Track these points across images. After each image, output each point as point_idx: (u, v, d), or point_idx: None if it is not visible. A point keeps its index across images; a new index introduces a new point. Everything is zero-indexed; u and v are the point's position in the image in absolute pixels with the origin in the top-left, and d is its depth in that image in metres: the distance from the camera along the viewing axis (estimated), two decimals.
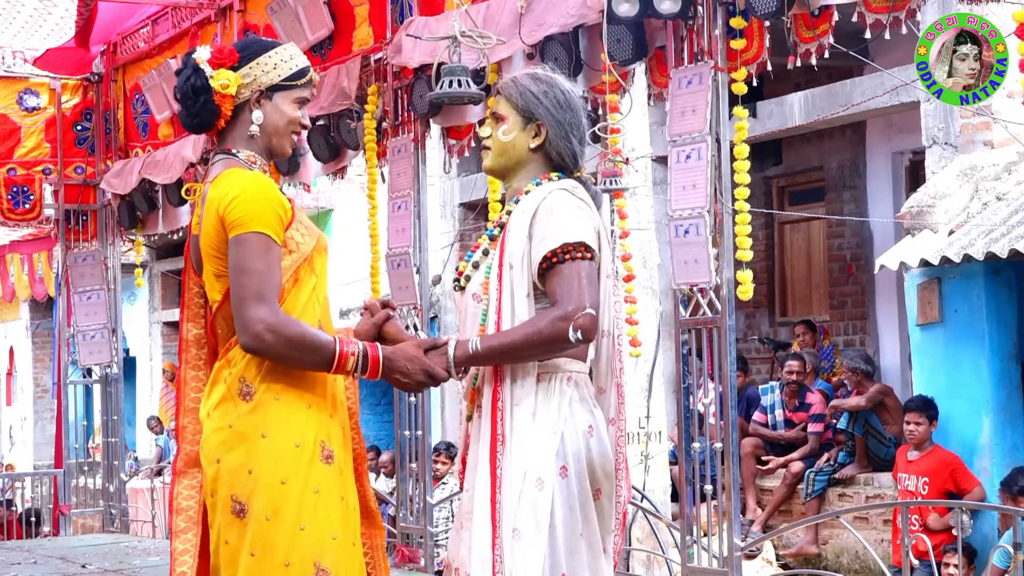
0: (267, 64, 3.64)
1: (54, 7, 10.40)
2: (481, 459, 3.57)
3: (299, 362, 3.45)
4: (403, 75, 7.96)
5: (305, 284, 3.56)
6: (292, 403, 3.49)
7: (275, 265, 3.47)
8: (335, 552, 3.46)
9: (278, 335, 3.40)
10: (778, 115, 11.69)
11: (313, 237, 3.60)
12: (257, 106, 3.64)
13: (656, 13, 6.10)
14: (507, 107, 3.69)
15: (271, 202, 3.49)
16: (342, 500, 3.52)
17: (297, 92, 3.68)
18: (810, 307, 13.82)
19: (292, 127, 3.69)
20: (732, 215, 6.09)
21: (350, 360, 3.46)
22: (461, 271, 3.72)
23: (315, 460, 3.47)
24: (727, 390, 6.13)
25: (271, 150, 3.70)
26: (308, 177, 9.42)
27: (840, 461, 10.73)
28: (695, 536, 6.35)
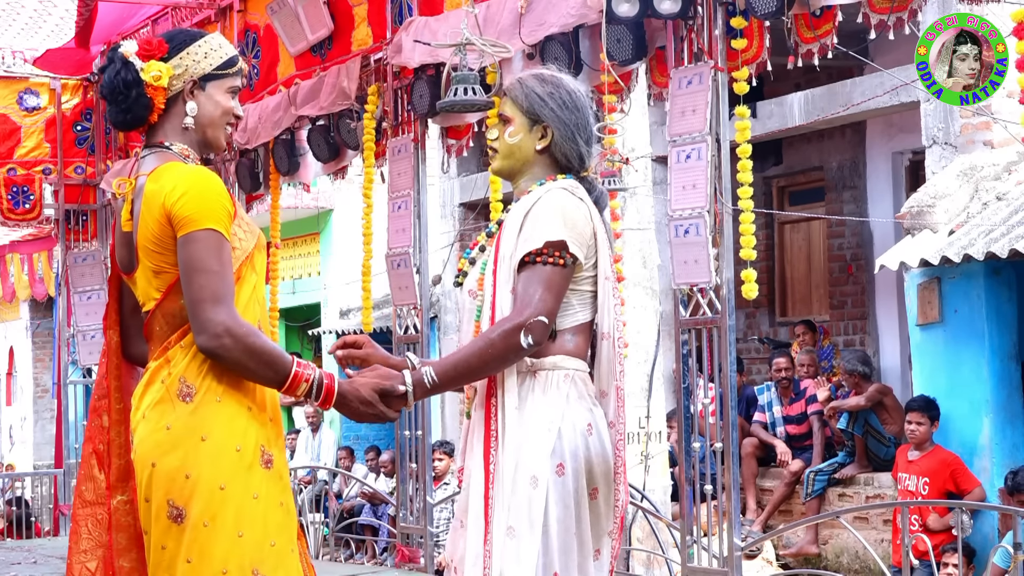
0: (197, 54, 3.53)
1: (54, 7, 10.40)
2: (475, 456, 3.57)
3: (252, 373, 3.35)
4: (403, 75, 7.97)
5: (246, 283, 3.47)
6: (233, 406, 3.39)
7: (228, 264, 3.37)
8: (274, 559, 3.37)
9: (238, 341, 3.30)
10: (778, 115, 11.69)
11: (254, 235, 3.52)
12: (191, 97, 3.53)
13: (656, 13, 6.10)
14: (513, 109, 3.68)
15: (220, 197, 3.39)
16: (281, 506, 3.44)
17: (229, 81, 3.57)
18: (810, 307, 13.81)
19: (227, 117, 3.58)
20: (734, 215, 6.09)
21: (302, 386, 3.37)
22: (462, 268, 3.73)
23: (255, 465, 3.38)
24: (727, 390, 6.13)
25: (206, 142, 3.59)
26: (308, 177, 9.43)
27: (840, 461, 10.73)
28: (695, 536, 6.35)
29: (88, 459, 3.59)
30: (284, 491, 3.47)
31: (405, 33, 7.60)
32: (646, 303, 10.73)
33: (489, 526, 3.48)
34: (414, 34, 7.45)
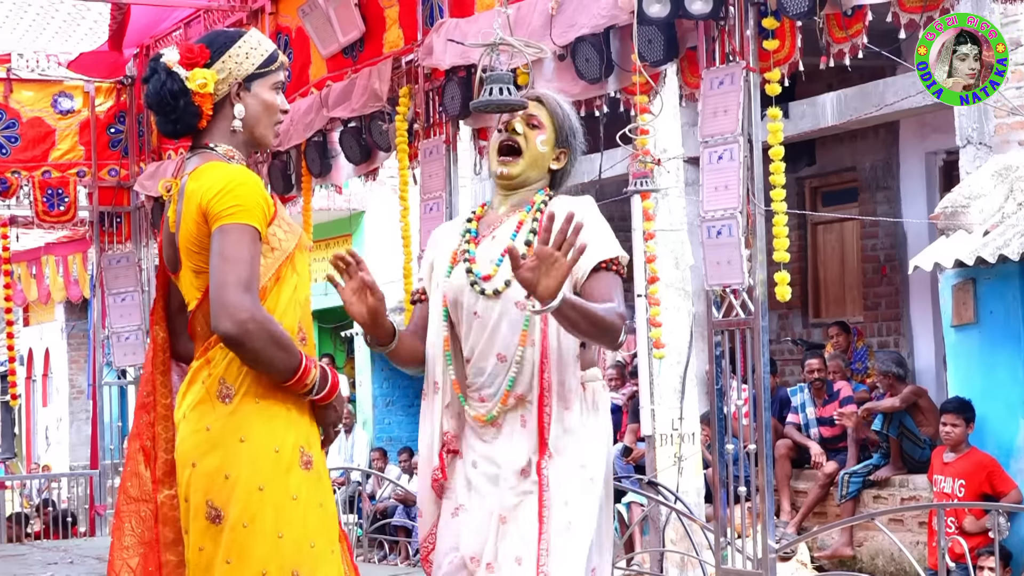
0: (239, 55, 3.53)
1: (88, 11, 10.47)
2: (513, 461, 3.63)
3: (271, 361, 3.33)
4: (434, 77, 7.97)
5: (287, 283, 3.48)
6: (272, 407, 3.39)
7: (258, 259, 3.38)
8: (313, 560, 3.38)
9: (260, 327, 3.29)
10: (811, 115, 11.65)
11: (295, 235, 3.52)
12: (237, 99, 3.54)
13: (687, 14, 6.08)
14: (548, 120, 3.74)
15: (256, 196, 3.41)
16: (321, 507, 3.44)
17: (273, 77, 3.58)
18: (843, 308, 13.75)
19: (274, 114, 3.60)
20: (767, 216, 6.06)
21: (312, 373, 3.39)
22: (490, 275, 3.68)
23: (294, 466, 3.39)
24: (760, 391, 6.10)
25: (253, 141, 3.62)
26: (340, 179, 9.44)
27: (875, 463, 10.68)
28: (729, 538, 6.33)
29: (134, 455, 3.61)
30: (324, 492, 3.48)
31: (436, 35, 7.61)
32: (679, 304, 10.71)
33: (544, 526, 3.55)
34: (445, 36, 7.45)
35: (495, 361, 3.65)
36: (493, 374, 3.66)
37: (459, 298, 3.69)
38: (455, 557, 3.67)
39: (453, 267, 3.75)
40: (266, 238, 3.44)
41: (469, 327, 3.68)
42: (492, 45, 3.86)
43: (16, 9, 10.47)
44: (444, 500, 3.73)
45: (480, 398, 3.68)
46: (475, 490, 3.67)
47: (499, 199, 3.80)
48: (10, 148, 11.26)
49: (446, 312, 3.71)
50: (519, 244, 3.67)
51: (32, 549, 10.51)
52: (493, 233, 3.76)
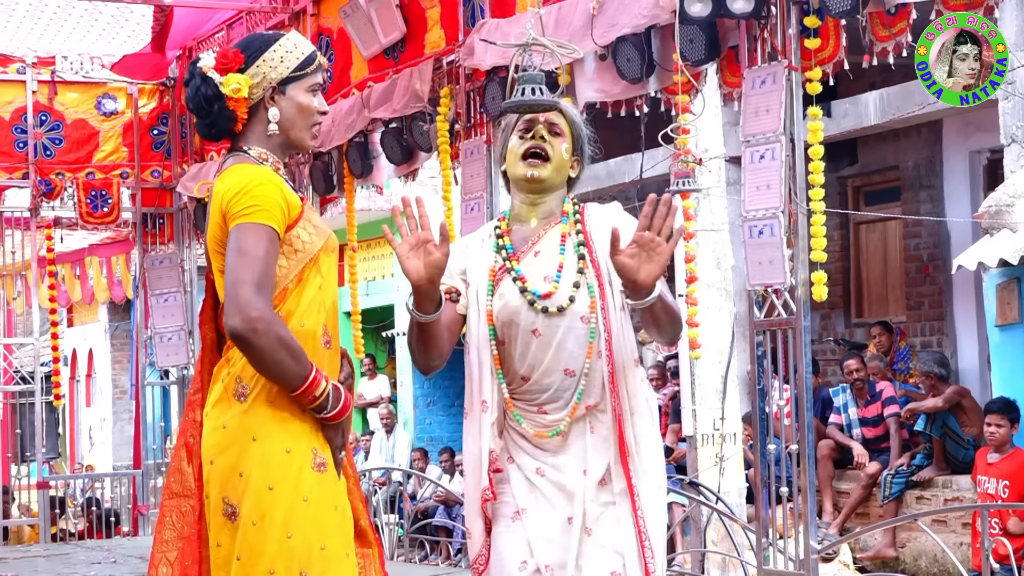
0: (273, 59, 3.53)
1: (131, 13, 10.52)
2: (591, 471, 3.65)
3: (278, 364, 3.32)
4: (475, 77, 7.98)
5: (310, 285, 3.48)
6: (286, 408, 3.40)
7: (273, 259, 3.38)
8: (323, 562, 3.38)
9: (269, 328, 3.29)
10: (853, 114, 11.59)
11: (322, 237, 3.52)
12: (272, 103, 3.55)
13: (729, 13, 6.07)
14: (567, 128, 3.74)
15: (275, 196, 3.42)
16: (335, 509, 3.44)
17: (309, 80, 3.57)
18: (886, 308, 13.68)
19: (310, 117, 3.59)
20: (808, 215, 6.04)
21: (320, 389, 3.36)
22: (550, 293, 3.64)
23: (305, 467, 3.39)
24: (802, 392, 6.08)
25: (290, 144, 3.62)
26: (381, 179, 9.46)
27: (917, 463, 10.62)
28: (771, 539, 6.31)
29: (179, 451, 3.64)
30: (340, 496, 3.47)
31: (477, 35, 7.62)
32: (720, 304, 10.68)
33: (643, 533, 3.60)
34: (485, 36, 7.46)
35: (561, 376, 3.64)
36: (560, 389, 3.65)
37: (514, 319, 3.64)
38: (526, 564, 3.63)
39: (495, 285, 3.69)
40: (288, 240, 3.45)
41: (526, 346, 3.64)
42: (524, 46, 3.85)
43: (60, 12, 10.53)
44: (498, 507, 3.67)
45: (541, 411, 3.67)
46: (543, 497, 3.64)
47: (525, 209, 3.74)
48: (55, 150, 11.35)
49: (492, 331, 3.67)
50: (569, 258, 3.67)
51: (76, 548, 10.58)
52: (535, 249, 3.71)
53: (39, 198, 11.30)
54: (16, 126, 11.30)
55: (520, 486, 3.66)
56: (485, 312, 3.67)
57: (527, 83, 3.69)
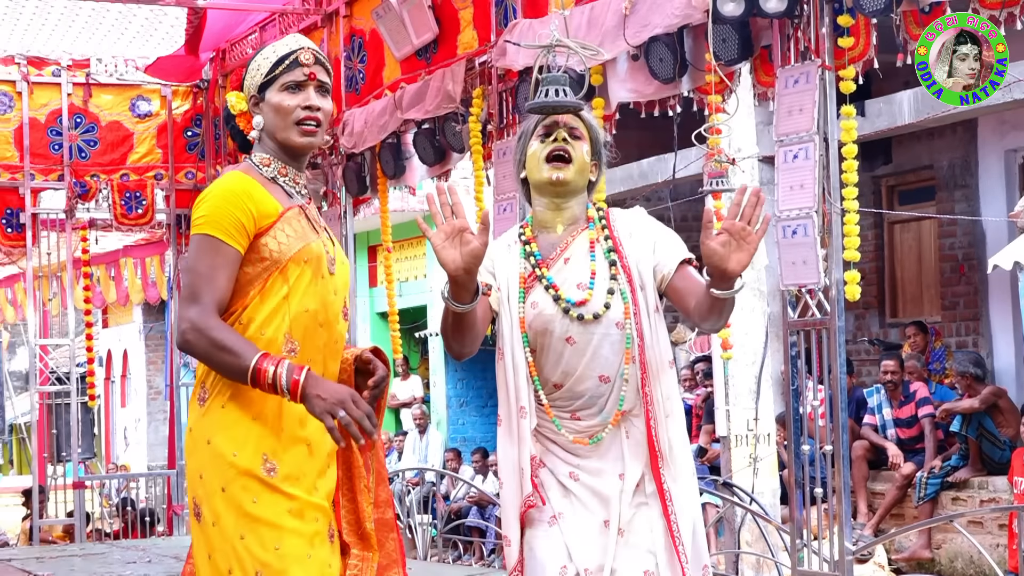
0: (254, 69, 3.60)
1: (164, 16, 10.57)
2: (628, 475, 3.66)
3: (218, 365, 3.40)
4: (508, 78, 7.98)
5: (273, 294, 3.49)
6: (237, 412, 3.44)
7: (222, 268, 3.42)
8: (279, 563, 3.40)
9: (201, 336, 3.37)
10: (887, 113, 11.54)
11: (297, 245, 3.52)
12: (257, 111, 3.60)
13: (762, 12, 6.05)
14: (585, 132, 3.74)
15: (230, 205, 3.45)
16: (288, 513, 3.44)
17: (282, 79, 3.57)
18: (921, 308, 13.62)
19: (288, 116, 3.57)
20: (841, 215, 6.02)
21: (268, 372, 3.34)
22: (585, 300, 3.64)
23: (254, 471, 3.42)
24: (836, 392, 6.06)
25: (282, 147, 3.61)
26: (414, 180, 9.48)
27: (953, 464, 10.57)
28: (805, 540, 6.29)
29: None
30: (292, 500, 3.46)
31: (509, 36, 7.62)
32: (754, 304, 10.66)
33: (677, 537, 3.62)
34: (518, 37, 7.46)
35: (596, 383, 3.63)
36: (594, 396, 3.64)
37: (548, 327, 3.63)
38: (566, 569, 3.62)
39: (526, 292, 3.69)
40: (256, 247, 3.47)
41: (559, 354, 3.64)
42: (548, 47, 3.84)
43: (95, 15, 10.59)
44: (534, 513, 3.66)
45: (575, 417, 3.67)
46: (578, 501, 3.64)
47: (550, 215, 3.74)
48: (89, 152, 11.42)
49: (526, 337, 3.67)
50: (600, 264, 3.68)
51: (111, 548, 10.63)
52: (565, 256, 3.71)
53: (74, 200, 11.37)
54: (51, 128, 11.38)
55: (554, 490, 3.66)
56: (518, 319, 3.66)
57: (551, 84, 3.69)
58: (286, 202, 3.56)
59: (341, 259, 3.68)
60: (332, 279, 3.59)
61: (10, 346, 25.67)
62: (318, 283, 3.54)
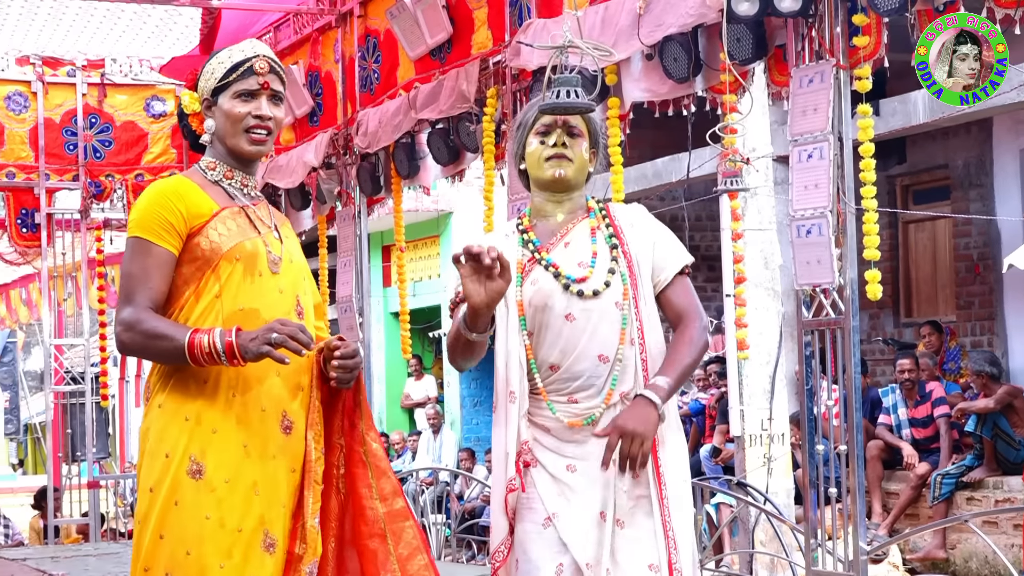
0: (208, 72, 3.63)
1: (179, 16, 10.59)
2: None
3: (158, 354, 3.48)
4: (522, 78, 7.98)
5: (206, 293, 3.53)
6: (171, 413, 3.48)
7: (154, 268, 3.49)
8: (187, 568, 3.42)
9: (134, 332, 3.45)
10: (902, 113, 11.52)
11: (230, 243, 3.54)
12: (209, 114, 3.64)
13: (776, 11, 6.04)
14: (583, 128, 3.78)
15: (159, 207, 3.51)
16: (207, 519, 3.44)
17: (236, 86, 3.60)
18: (936, 307, 13.59)
19: (238, 123, 3.61)
20: (857, 215, 6.01)
21: (200, 341, 3.39)
22: (585, 277, 3.69)
23: (180, 473, 3.44)
24: (851, 392, 6.05)
25: (231, 153, 3.65)
26: (428, 180, 9.48)
27: (968, 464, 10.55)
28: (820, 539, 6.28)
29: None
30: (215, 505, 3.46)
31: (524, 35, 7.62)
32: (768, 304, 10.65)
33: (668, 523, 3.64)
34: (532, 37, 7.46)
35: (595, 363, 3.65)
36: (592, 376, 3.66)
37: (548, 302, 3.66)
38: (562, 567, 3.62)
39: (523, 277, 3.73)
40: (190, 247, 3.53)
41: (558, 333, 3.66)
42: (560, 48, 3.86)
43: (110, 16, 10.61)
44: (524, 512, 3.68)
45: (571, 400, 3.67)
46: (574, 494, 3.65)
47: (550, 207, 3.80)
48: (104, 152, 11.45)
49: (523, 321, 3.70)
50: (601, 247, 3.72)
51: (126, 548, 10.65)
52: (565, 240, 3.77)
53: (89, 200, 11.39)
54: (66, 128, 11.41)
55: (548, 489, 3.66)
56: (515, 303, 3.70)
57: (562, 85, 3.71)
58: (225, 203, 3.59)
59: (290, 258, 3.67)
60: (276, 278, 3.60)
61: (25, 346, 25.75)
62: (254, 281, 3.55)
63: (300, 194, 10.48)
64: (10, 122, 11.33)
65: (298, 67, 10.45)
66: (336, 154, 9.94)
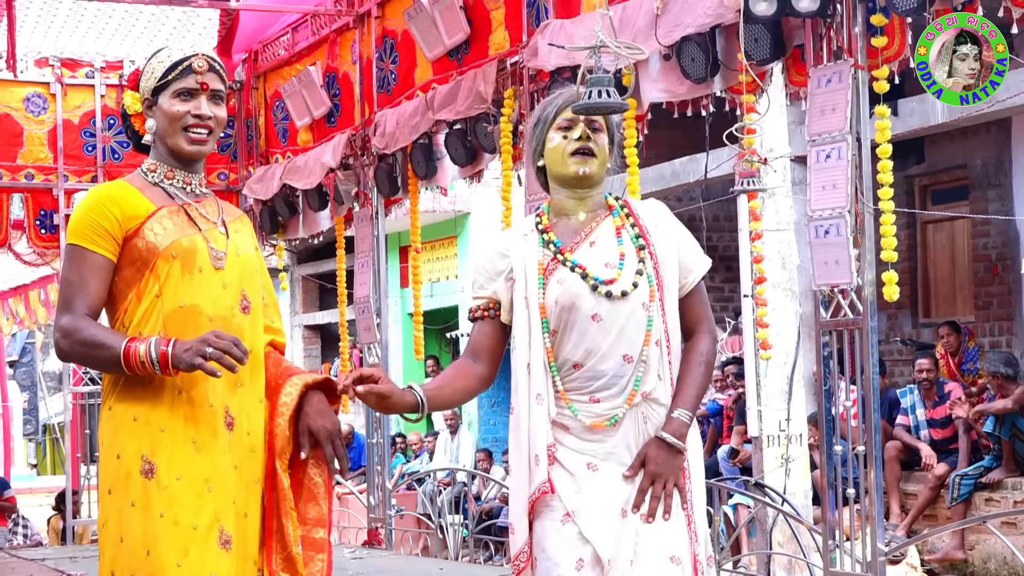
0: (149, 71, 3.61)
1: (197, 18, 10.62)
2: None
3: (96, 362, 3.50)
4: (539, 78, 7.98)
5: (147, 293, 3.52)
6: (120, 416, 3.49)
7: (90, 274, 3.49)
8: (148, 568, 3.41)
9: (71, 340, 3.47)
10: (920, 113, 11.49)
11: (166, 241, 3.53)
12: (150, 114, 3.61)
13: (794, 11, 6.04)
14: (603, 124, 3.78)
15: (93, 213, 3.50)
16: (160, 517, 3.44)
17: (175, 84, 3.57)
18: (954, 308, 13.56)
19: (177, 122, 3.58)
20: (874, 215, 6.00)
21: (135, 353, 3.39)
22: (614, 279, 3.67)
23: (133, 473, 3.44)
24: (869, 392, 6.04)
25: (172, 152, 3.62)
26: (445, 181, 9.49)
27: (986, 465, 10.52)
28: (838, 540, 6.27)
29: None
30: (168, 503, 3.46)
31: (541, 36, 7.62)
32: (786, 305, 10.63)
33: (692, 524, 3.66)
34: (550, 37, 7.46)
35: (619, 362, 3.65)
36: (616, 376, 3.65)
37: (575, 303, 3.65)
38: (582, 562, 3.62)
39: (546, 278, 3.71)
40: (128, 251, 3.52)
41: (583, 333, 3.65)
42: (594, 48, 3.86)
43: (128, 17, 10.65)
44: (542, 510, 3.68)
45: (593, 399, 3.67)
46: (593, 492, 3.65)
47: (571, 204, 3.78)
48: (122, 153, 11.47)
49: (546, 323, 3.69)
50: (628, 248, 3.71)
51: None
52: (590, 240, 3.74)
53: None
54: (85, 130, 11.44)
55: (567, 487, 3.66)
56: (537, 305, 3.68)
57: (595, 85, 3.70)
58: (162, 202, 3.58)
59: (236, 252, 3.64)
60: (219, 273, 3.58)
61: (44, 347, 25.81)
62: (194, 277, 3.54)
63: (318, 195, 10.50)
64: (29, 123, 11.37)
65: (316, 68, 10.47)
66: (354, 155, 9.96)
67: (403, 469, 15.93)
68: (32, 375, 26.36)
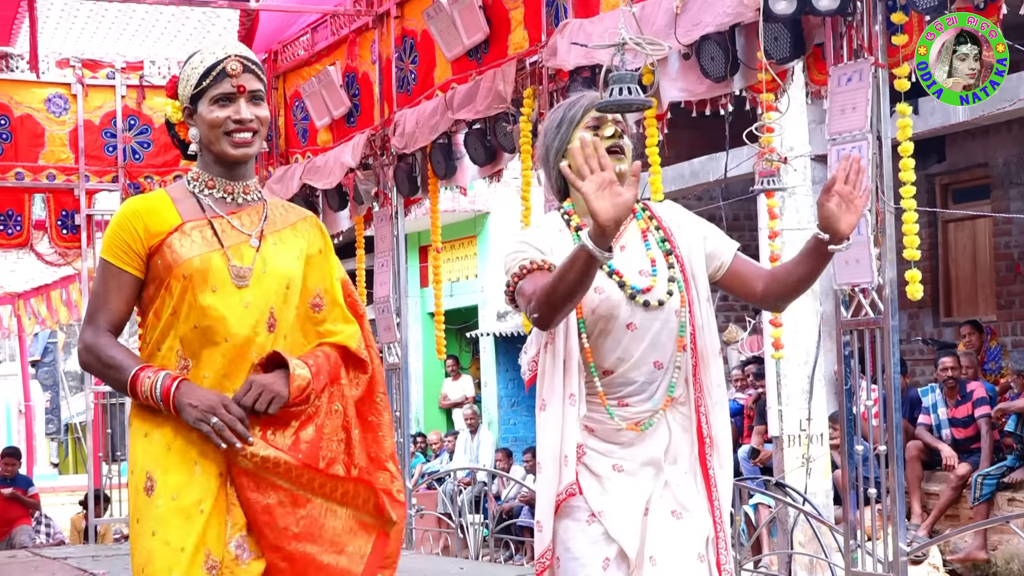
0: (184, 79, 3.57)
1: (217, 18, 10.64)
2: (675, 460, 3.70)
3: (110, 382, 3.54)
4: (558, 77, 7.97)
5: (164, 311, 3.49)
6: (135, 431, 3.52)
7: (115, 290, 3.50)
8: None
9: (91, 355, 3.51)
10: (941, 111, 11.45)
11: (180, 260, 3.48)
12: (192, 122, 3.57)
13: (814, 10, 6.02)
14: (624, 121, 3.77)
15: (120, 228, 3.50)
16: (153, 536, 3.42)
17: (211, 91, 3.51)
18: (976, 307, 13.51)
19: (218, 128, 3.51)
20: (896, 214, 5.98)
21: (142, 385, 3.41)
22: (650, 287, 3.65)
23: (139, 489, 3.47)
24: (890, 392, 6.02)
25: (218, 159, 3.55)
26: (465, 180, 9.49)
27: (1009, 464, 10.48)
28: (859, 540, 6.25)
29: None
30: (159, 522, 3.44)
31: (560, 35, 7.62)
32: (806, 304, 10.60)
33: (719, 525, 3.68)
34: (569, 36, 7.46)
35: (650, 369, 3.65)
36: (647, 382, 3.65)
37: (614, 312, 3.63)
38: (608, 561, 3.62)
39: None
40: (151, 267, 3.50)
41: (617, 340, 3.64)
42: (618, 46, 3.84)
43: (148, 18, 10.67)
44: (566, 510, 3.68)
45: (622, 404, 3.67)
46: (619, 494, 3.65)
47: None
48: (143, 154, 11.52)
49: (582, 323, 3.68)
50: (656, 253, 3.70)
51: None
52: (620, 243, 3.70)
53: None
54: (106, 131, 11.48)
55: (592, 488, 3.66)
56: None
57: (619, 83, 3.69)
58: (191, 216, 3.52)
59: (264, 267, 3.54)
60: (240, 292, 3.49)
61: (66, 346, 25.91)
62: (208, 298, 3.46)
63: (337, 195, 10.51)
64: (50, 124, 11.41)
65: (335, 68, 10.48)
66: (373, 155, 9.97)
67: (423, 468, 15.95)
68: (54, 374, 26.46)
